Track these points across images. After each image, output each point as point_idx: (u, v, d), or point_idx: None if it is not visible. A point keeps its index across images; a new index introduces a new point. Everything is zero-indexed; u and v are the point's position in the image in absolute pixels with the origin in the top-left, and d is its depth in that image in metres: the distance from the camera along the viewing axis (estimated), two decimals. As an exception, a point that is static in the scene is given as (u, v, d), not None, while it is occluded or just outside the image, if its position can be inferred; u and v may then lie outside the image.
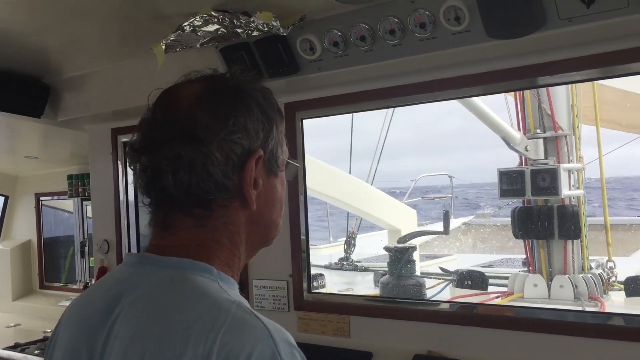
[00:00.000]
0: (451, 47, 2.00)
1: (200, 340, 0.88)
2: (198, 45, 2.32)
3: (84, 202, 4.62)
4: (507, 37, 1.90)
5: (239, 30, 2.19)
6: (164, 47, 2.26)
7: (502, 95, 4.64)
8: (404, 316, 2.36)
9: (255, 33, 2.20)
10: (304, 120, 2.61)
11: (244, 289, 2.76)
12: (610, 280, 4.37)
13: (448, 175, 11.69)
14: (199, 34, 2.21)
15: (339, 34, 2.15)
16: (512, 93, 4.41)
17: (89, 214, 4.31)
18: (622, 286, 4.28)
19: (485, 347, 2.18)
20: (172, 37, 2.23)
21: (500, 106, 4.64)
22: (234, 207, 1.04)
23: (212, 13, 2.08)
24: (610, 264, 4.41)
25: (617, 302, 4.24)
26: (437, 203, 10.45)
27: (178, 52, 2.32)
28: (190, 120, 1.01)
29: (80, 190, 4.49)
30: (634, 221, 9.52)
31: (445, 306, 2.42)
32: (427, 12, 1.96)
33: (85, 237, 4.65)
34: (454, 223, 9.53)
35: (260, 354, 0.87)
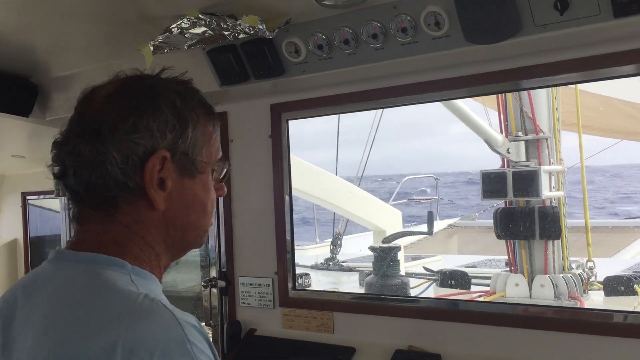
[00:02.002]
0: (432, 52, 2.06)
1: (105, 330, 0.88)
2: (185, 47, 2.36)
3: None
4: (485, 42, 1.97)
5: (226, 33, 2.24)
6: (152, 48, 2.30)
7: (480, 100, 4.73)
8: (386, 312, 2.42)
9: (241, 35, 2.25)
10: (290, 121, 2.66)
11: (230, 286, 2.81)
12: (590, 280, 4.46)
13: (434, 177, 11.83)
14: (186, 35, 2.26)
15: (324, 37, 2.20)
16: (494, 100, 4.51)
17: (76, 213, 4.34)
18: (602, 286, 4.38)
19: (465, 341, 2.24)
20: (160, 39, 2.27)
21: (482, 110, 4.72)
22: (141, 205, 1.05)
23: (200, 16, 2.13)
24: (590, 264, 4.51)
25: (596, 301, 4.33)
26: (423, 205, 10.54)
27: (166, 53, 2.36)
28: (96, 118, 1.03)
29: (67, 189, 4.51)
30: (617, 223, 9.69)
31: (426, 303, 2.47)
32: (409, 17, 2.01)
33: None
34: (440, 225, 9.63)
35: (169, 340, 0.88)
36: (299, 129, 2.79)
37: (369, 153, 7.22)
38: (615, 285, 4.29)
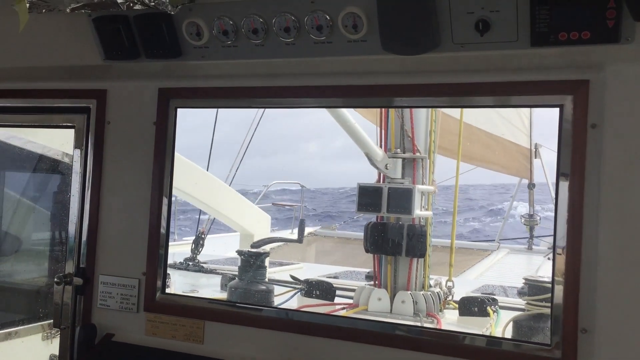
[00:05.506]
0: (345, 55, 1.98)
1: None
2: (68, 10, 2.07)
3: None
4: (401, 52, 1.91)
5: (120, 0, 1.99)
6: (28, 4, 1.98)
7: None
8: (262, 325, 2.27)
9: (137, 6, 2.01)
10: (179, 110, 2.42)
11: (88, 284, 2.50)
12: (447, 299, 4.63)
13: (300, 184, 11.93)
14: (71, -5, 1.98)
15: (231, 22, 2.04)
16: (374, 114, 4.57)
17: None
18: (457, 305, 4.57)
19: (338, 357, 2.15)
20: (39, -6, 1.97)
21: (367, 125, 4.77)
22: None
23: (92, -26, 1.87)
24: (449, 284, 4.68)
25: (451, 320, 4.50)
26: (287, 210, 10.55)
27: (44, 13, 2.06)
28: None
29: None
30: (462, 245, 10.33)
31: (306, 317, 2.35)
32: (326, 15, 1.92)
33: None
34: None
35: None
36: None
37: (241, 159, 7.05)
38: (469, 306, 4.48)
